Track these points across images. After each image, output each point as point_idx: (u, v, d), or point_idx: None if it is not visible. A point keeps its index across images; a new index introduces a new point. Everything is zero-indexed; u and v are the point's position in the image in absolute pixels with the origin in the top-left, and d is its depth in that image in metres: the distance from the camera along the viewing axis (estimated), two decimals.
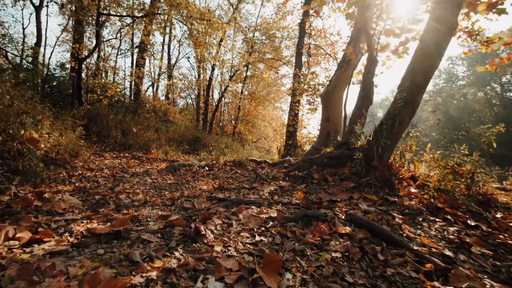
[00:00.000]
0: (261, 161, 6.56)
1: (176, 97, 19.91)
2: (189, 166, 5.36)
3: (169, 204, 2.72)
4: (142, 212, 2.43)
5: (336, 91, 6.79)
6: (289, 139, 12.87)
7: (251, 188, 3.29)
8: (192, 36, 8.79)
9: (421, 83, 2.95)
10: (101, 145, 7.52)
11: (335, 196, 2.72)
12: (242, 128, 16.11)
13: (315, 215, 2.21)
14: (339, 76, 6.78)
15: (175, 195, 3.12)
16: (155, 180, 4.16)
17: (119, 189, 3.39)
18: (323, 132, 6.83)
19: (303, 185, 3.19)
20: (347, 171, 3.24)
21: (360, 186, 2.90)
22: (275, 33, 15.33)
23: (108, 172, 4.58)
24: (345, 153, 3.47)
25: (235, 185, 3.66)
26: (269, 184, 3.45)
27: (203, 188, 3.49)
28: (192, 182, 4.09)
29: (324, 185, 3.11)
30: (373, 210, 2.38)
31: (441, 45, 2.94)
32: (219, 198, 2.76)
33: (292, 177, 3.56)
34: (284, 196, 2.88)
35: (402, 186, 2.94)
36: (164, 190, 3.42)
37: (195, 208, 2.51)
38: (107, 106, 9.51)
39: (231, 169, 5.64)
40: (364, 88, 4.81)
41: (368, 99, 4.76)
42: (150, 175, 4.53)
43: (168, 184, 3.84)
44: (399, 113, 2.91)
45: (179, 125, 11.29)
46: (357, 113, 4.84)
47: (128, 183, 3.85)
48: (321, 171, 3.44)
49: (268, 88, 17.38)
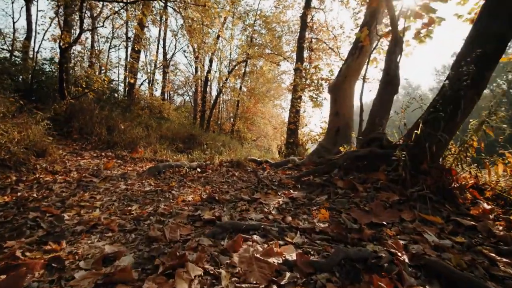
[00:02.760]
0: (262, 161, 5.63)
1: (173, 94, 18.94)
2: (178, 167, 4.42)
3: (130, 228, 1.78)
4: (79, 247, 1.49)
5: (347, 81, 5.85)
6: (291, 137, 11.93)
7: (252, 200, 2.35)
8: (186, 24, 7.83)
9: (493, 53, 2.04)
10: (83, 142, 6.56)
11: (376, 216, 1.80)
12: (241, 125, 15.14)
13: (361, 258, 1.28)
14: (351, 65, 5.84)
15: (145, 211, 2.18)
16: (130, 186, 3.21)
17: (72, 201, 2.45)
18: (332, 128, 5.89)
19: (324, 197, 2.27)
20: (382, 177, 2.32)
21: (409, 200, 1.98)
22: (275, 27, 14.39)
23: (75, 176, 3.63)
24: (377, 152, 2.55)
25: (231, 194, 2.72)
26: (276, 193, 2.51)
27: (188, 199, 2.55)
28: (177, 189, 3.14)
29: (354, 197, 2.19)
30: (448, 245, 1.45)
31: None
32: (206, 219, 1.83)
33: (307, 184, 2.64)
34: (301, 215, 1.95)
35: (467, 200, 2.02)
36: (135, 203, 2.48)
37: (166, 238, 1.57)
38: (95, 101, 8.54)
39: (228, 170, 4.71)
40: (388, 72, 3.88)
41: (393, 85, 3.84)
42: (126, 179, 3.59)
43: (144, 192, 2.89)
44: (464, 95, 2.00)
45: (173, 122, 10.34)
46: (380, 103, 3.91)
47: (92, 191, 2.90)
48: (345, 176, 2.52)
49: (268, 84, 16.41)
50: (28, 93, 7.98)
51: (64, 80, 7.83)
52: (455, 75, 2.06)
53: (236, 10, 12.70)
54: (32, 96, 8.19)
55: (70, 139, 6.66)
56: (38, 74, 9.14)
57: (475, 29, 2.19)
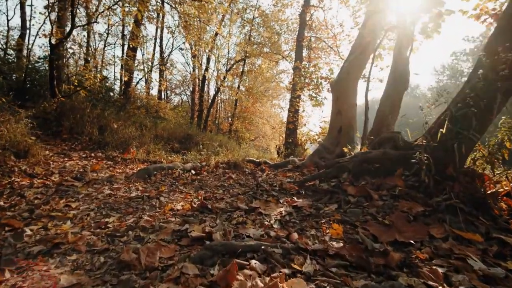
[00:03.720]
0: (260, 162, 5.30)
1: (171, 94, 18.55)
2: (170, 169, 4.08)
3: (100, 248, 1.44)
4: (28, 277, 1.15)
5: (349, 78, 5.52)
6: (289, 137, 11.62)
7: (250, 209, 2.02)
8: (182, 20, 7.47)
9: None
10: (72, 142, 6.19)
11: (400, 232, 1.47)
12: (239, 125, 14.78)
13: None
14: (353, 61, 5.52)
15: (124, 223, 1.84)
16: (114, 191, 2.87)
17: (43, 210, 2.10)
18: (334, 128, 5.57)
19: (333, 206, 1.94)
20: (400, 183, 2.01)
21: (435, 211, 1.66)
22: (273, 26, 14.06)
23: (56, 179, 3.28)
24: (392, 154, 2.23)
25: (226, 201, 2.39)
26: (278, 201, 2.18)
27: (176, 208, 2.21)
28: (166, 194, 2.80)
29: (368, 206, 1.87)
30: (501, 274, 1.13)
31: None
32: (194, 237, 1.49)
33: (312, 190, 2.31)
34: (308, 230, 1.62)
35: (504, 211, 1.71)
36: (115, 212, 2.14)
37: (141, 264, 1.23)
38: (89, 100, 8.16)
39: (224, 172, 4.37)
40: (396, 69, 3.57)
41: (403, 82, 3.53)
42: (112, 183, 3.24)
43: (128, 199, 2.55)
44: (500, 88, 1.68)
45: (169, 121, 9.98)
46: (388, 101, 3.59)
47: (70, 197, 2.56)
48: (356, 181, 2.20)
49: (266, 83, 16.06)
50: (21, 92, 7.63)
51: (55, 78, 7.44)
52: (490, 63, 1.74)
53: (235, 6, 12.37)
54: (26, 95, 7.82)
55: (60, 139, 6.30)
56: (32, 72, 8.77)
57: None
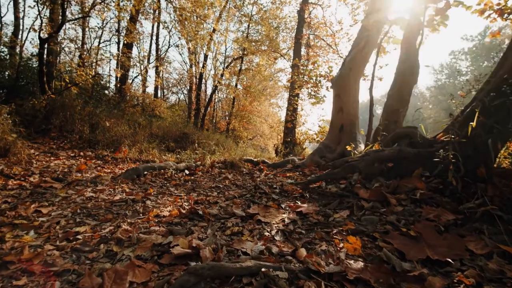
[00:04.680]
0: (258, 161, 5.01)
1: (168, 93, 18.18)
2: (162, 169, 3.77)
3: (58, 268, 1.14)
4: None
5: (351, 74, 5.25)
6: (288, 136, 11.34)
7: (247, 216, 1.73)
8: (177, 14, 7.15)
9: None
10: (61, 141, 5.86)
11: (431, 247, 1.19)
12: (236, 124, 14.46)
13: None
14: (355, 57, 5.25)
15: (98, 233, 1.54)
16: (97, 193, 2.56)
17: (7, 216, 1.79)
18: (336, 126, 5.30)
19: (345, 212, 1.66)
20: (420, 185, 1.73)
21: (469, 219, 1.39)
22: (271, 23, 13.78)
23: (35, 180, 2.96)
24: (408, 152, 1.94)
25: (221, 205, 2.09)
26: (279, 206, 1.89)
27: (163, 213, 1.91)
28: (154, 197, 2.50)
29: (386, 213, 1.59)
30: None
31: None
32: (176, 254, 1.19)
33: (318, 193, 2.02)
34: (318, 243, 1.33)
35: None
36: (92, 218, 1.84)
37: None
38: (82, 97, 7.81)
39: (220, 172, 4.08)
40: (405, 60, 3.30)
41: (412, 74, 3.26)
42: (96, 184, 2.93)
43: (110, 202, 2.24)
44: None
45: (165, 120, 9.65)
46: (396, 95, 3.32)
47: (44, 201, 2.24)
48: (368, 183, 1.92)
49: (264, 82, 15.76)
50: (14, 90, 7.30)
51: (45, 74, 7.09)
52: None
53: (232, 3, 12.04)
54: (19, 93, 7.47)
55: (48, 137, 5.96)
56: (25, 69, 8.41)
57: None
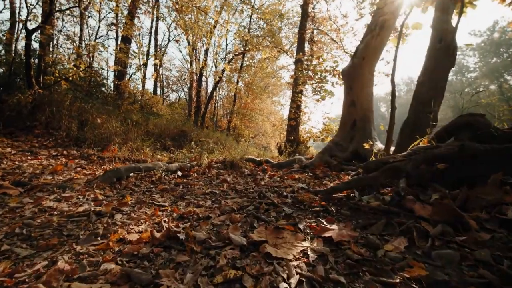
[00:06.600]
0: (261, 161, 4.43)
1: (168, 91, 17.62)
2: (150, 170, 3.20)
3: None
4: None
5: (365, 64, 4.65)
6: (291, 134, 10.73)
7: (250, 245, 1.15)
8: (173, 1, 6.57)
9: None
10: (46, 139, 5.30)
11: None
12: (238, 122, 13.88)
13: None
14: (369, 44, 4.65)
15: (17, 276, 0.96)
16: (59, 203, 1.99)
17: None
18: (347, 122, 4.71)
19: (400, 240, 1.07)
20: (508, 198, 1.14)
21: None
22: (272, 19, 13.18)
23: None
24: (476, 149, 1.35)
25: (213, 222, 1.51)
26: (295, 227, 1.30)
27: (129, 237, 1.33)
28: (130, 208, 1.92)
29: (466, 242, 1.01)
30: None
31: None
32: None
33: (350, 207, 1.43)
34: None
35: None
36: (27, 244, 1.26)
37: None
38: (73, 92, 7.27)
39: (218, 174, 3.50)
40: (442, 38, 2.69)
41: (450, 56, 2.65)
42: (64, 190, 2.36)
43: (68, 216, 1.67)
44: None
45: (162, 117, 9.10)
46: (429, 81, 2.72)
47: None
48: (422, 193, 1.33)
49: (266, 79, 15.16)
50: (8, 86, 6.80)
51: (32, 67, 6.55)
52: None
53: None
54: (14, 89, 6.98)
55: (32, 134, 5.41)
56: (20, 66, 7.89)
57: None
